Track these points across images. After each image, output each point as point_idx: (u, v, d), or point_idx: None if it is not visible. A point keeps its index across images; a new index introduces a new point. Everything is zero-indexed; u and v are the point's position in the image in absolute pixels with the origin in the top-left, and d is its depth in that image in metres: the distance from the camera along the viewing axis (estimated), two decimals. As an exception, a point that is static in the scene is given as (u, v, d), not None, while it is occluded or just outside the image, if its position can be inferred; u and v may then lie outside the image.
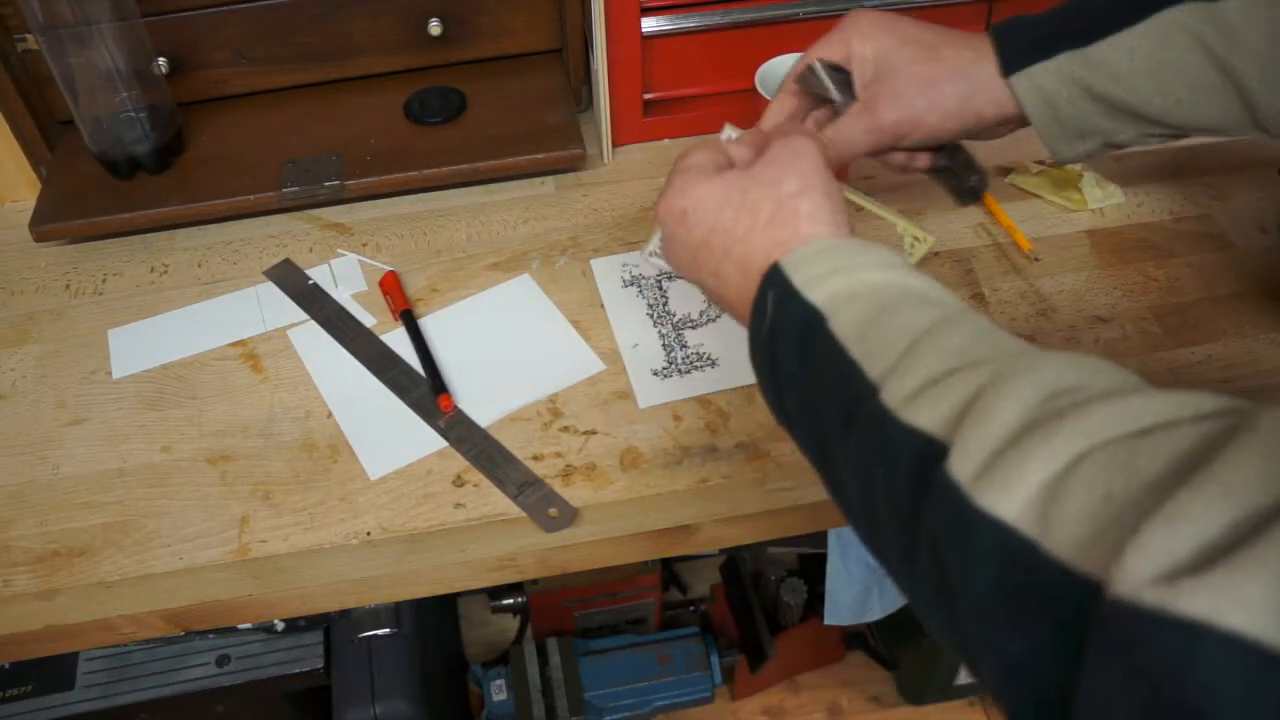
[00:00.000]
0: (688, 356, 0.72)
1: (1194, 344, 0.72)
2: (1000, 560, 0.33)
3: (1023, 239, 0.78)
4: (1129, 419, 0.33)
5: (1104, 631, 0.29)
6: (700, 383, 0.70)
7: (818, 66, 0.63)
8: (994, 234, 0.80)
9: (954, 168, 0.67)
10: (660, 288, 0.77)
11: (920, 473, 0.37)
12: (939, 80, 0.61)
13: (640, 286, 0.77)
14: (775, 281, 0.47)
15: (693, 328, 0.74)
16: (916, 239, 0.72)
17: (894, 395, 0.39)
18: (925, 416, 0.38)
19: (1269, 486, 0.27)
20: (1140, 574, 0.27)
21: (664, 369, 0.71)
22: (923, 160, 0.67)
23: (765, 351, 0.48)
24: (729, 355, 0.72)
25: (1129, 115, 0.60)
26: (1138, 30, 0.58)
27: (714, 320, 0.75)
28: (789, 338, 0.46)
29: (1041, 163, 0.84)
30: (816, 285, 0.45)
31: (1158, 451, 0.31)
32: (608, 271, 0.79)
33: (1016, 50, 0.60)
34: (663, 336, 0.73)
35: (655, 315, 0.75)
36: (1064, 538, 0.31)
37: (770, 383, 0.48)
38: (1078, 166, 0.83)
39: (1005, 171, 0.85)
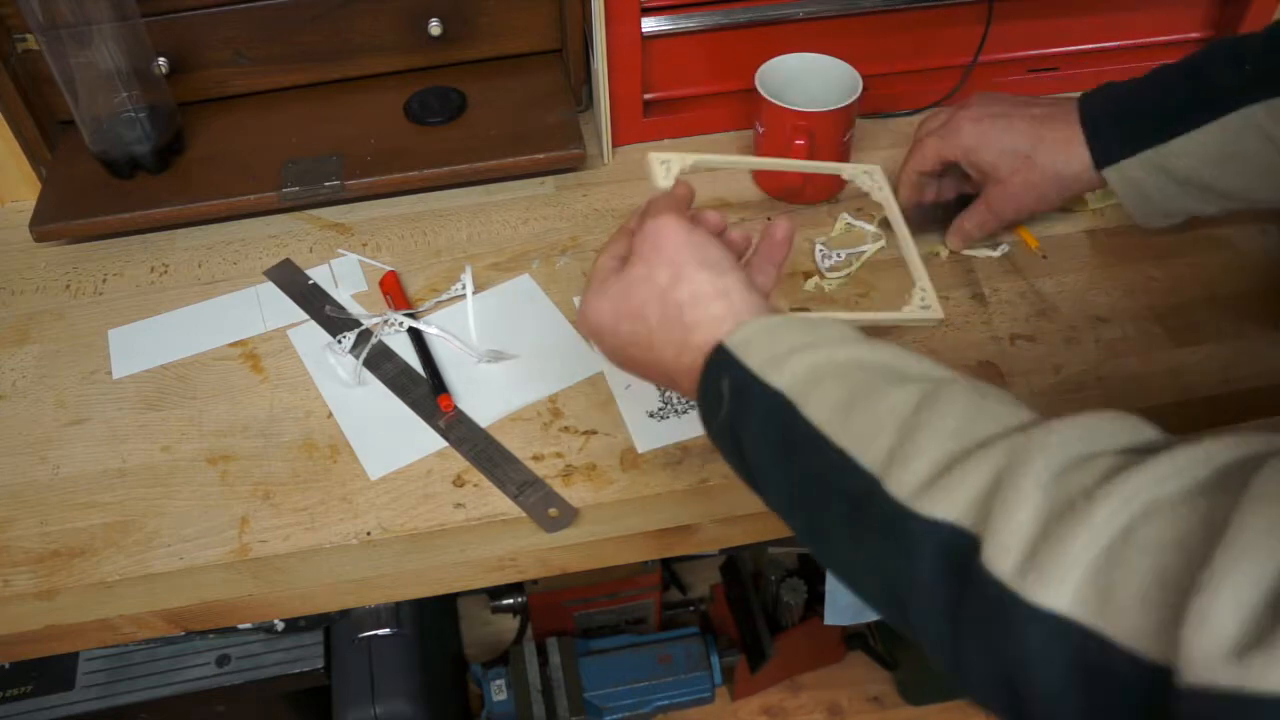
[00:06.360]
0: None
1: (1194, 344, 0.72)
2: (1063, 652, 0.32)
3: (1030, 237, 0.78)
4: (1155, 484, 0.32)
5: (1188, 718, 0.29)
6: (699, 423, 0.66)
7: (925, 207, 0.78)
8: (994, 234, 0.80)
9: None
10: None
11: (953, 565, 0.36)
12: (1043, 187, 0.71)
13: None
14: (726, 365, 0.45)
15: None
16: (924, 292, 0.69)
17: (903, 486, 0.38)
18: (944, 507, 0.36)
19: None
20: (1207, 656, 0.28)
21: (660, 410, 0.68)
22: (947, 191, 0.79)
23: (728, 440, 0.46)
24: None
25: (1211, 194, 0.68)
26: (1213, 128, 0.64)
27: None
28: (756, 427, 0.43)
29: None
30: (775, 368, 0.43)
31: (1188, 518, 0.31)
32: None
33: (1105, 148, 0.68)
34: None
35: None
36: (1126, 624, 0.31)
37: (742, 471, 0.46)
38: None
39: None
